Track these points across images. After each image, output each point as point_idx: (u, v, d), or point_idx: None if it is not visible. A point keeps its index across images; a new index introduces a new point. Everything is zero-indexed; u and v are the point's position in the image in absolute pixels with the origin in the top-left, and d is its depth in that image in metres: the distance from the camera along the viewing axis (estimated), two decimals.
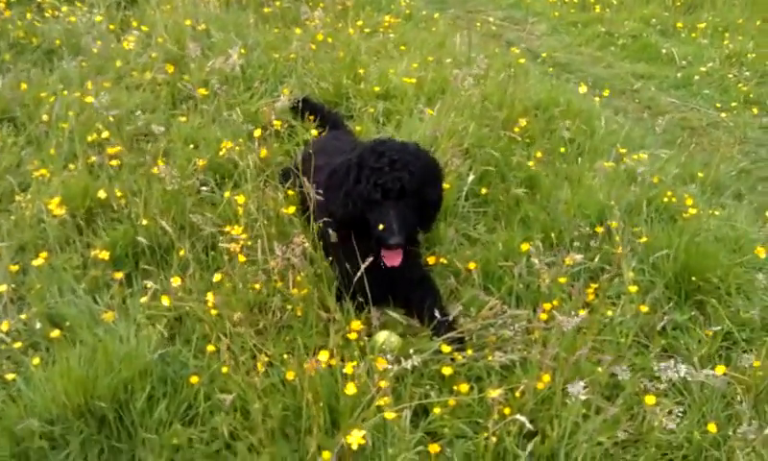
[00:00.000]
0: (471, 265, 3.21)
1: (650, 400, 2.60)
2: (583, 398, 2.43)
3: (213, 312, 2.89)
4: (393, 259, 3.03)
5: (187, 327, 3.01)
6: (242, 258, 3.10)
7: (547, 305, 3.04)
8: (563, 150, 4.44)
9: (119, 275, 3.18)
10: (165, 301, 2.84)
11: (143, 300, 2.93)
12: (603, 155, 4.50)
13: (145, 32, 5.53)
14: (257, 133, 3.86)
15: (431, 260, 3.38)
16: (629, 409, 2.77)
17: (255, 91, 4.93)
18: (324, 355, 2.58)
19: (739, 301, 3.29)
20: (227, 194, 3.49)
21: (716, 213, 3.87)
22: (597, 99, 5.30)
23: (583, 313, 2.73)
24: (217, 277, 2.93)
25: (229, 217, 3.53)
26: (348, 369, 2.51)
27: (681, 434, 2.69)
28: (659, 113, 5.66)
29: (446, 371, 2.73)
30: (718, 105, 5.95)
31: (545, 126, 4.81)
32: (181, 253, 3.17)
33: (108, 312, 2.96)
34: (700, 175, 4.28)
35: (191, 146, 4.18)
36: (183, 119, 4.42)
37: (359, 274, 2.78)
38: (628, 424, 2.68)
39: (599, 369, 2.79)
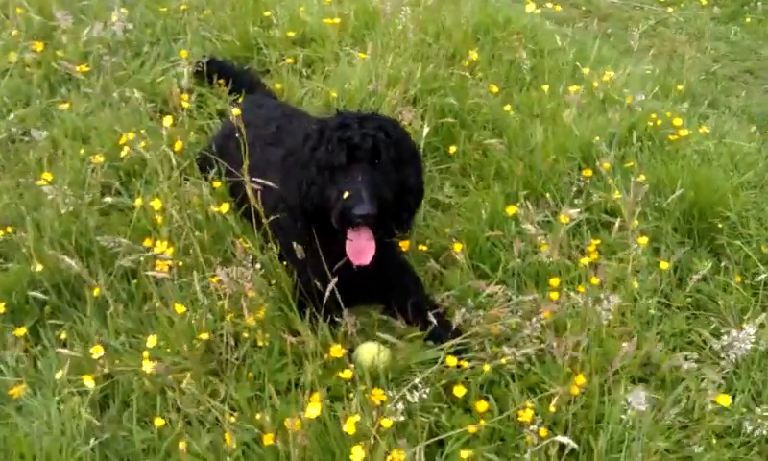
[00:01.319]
0: (457, 246, 2.73)
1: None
2: (643, 408, 2.02)
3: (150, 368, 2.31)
4: (361, 255, 2.51)
5: (123, 385, 2.43)
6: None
7: (554, 280, 2.63)
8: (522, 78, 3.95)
9: (21, 331, 2.55)
10: (95, 352, 2.24)
11: (58, 376, 2.31)
12: (564, 78, 4.06)
13: None
14: (168, 120, 3.19)
15: (404, 245, 2.87)
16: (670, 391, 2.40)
17: (146, 58, 4.19)
18: (313, 408, 2.06)
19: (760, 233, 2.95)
20: (138, 201, 2.85)
21: (706, 130, 3.51)
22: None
23: (613, 296, 2.31)
24: (152, 340, 2.33)
25: (148, 229, 2.89)
26: (350, 428, 2.01)
27: (736, 412, 2.35)
28: (602, 18, 5.25)
29: (459, 391, 2.28)
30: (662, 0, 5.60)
31: (491, 53, 4.31)
32: (96, 292, 2.54)
33: (15, 386, 2.35)
34: (679, 88, 3.90)
35: (80, 142, 3.46)
36: (65, 107, 3.67)
37: (328, 285, 2.31)
38: (673, 412, 2.31)
39: (625, 347, 2.39)
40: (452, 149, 3.34)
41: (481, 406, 2.26)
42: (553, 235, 2.82)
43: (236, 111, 2.97)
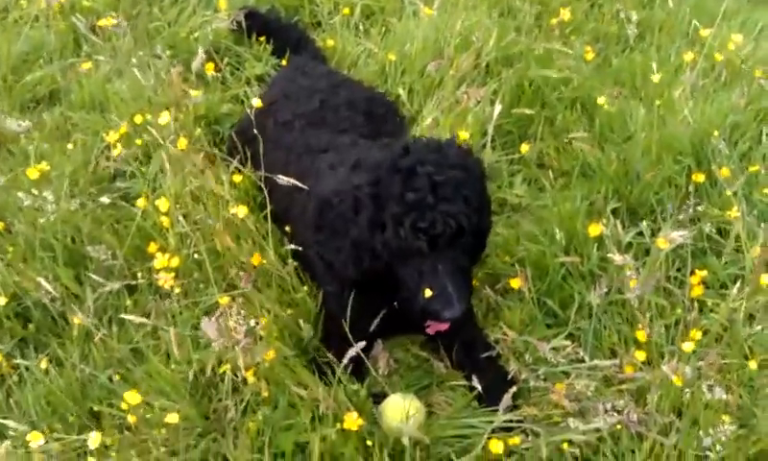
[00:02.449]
0: (515, 283, 2.20)
1: None
2: None
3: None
4: (440, 325, 2.09)
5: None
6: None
7: (641, 335, 2.08)
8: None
9: None
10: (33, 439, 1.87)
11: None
12: (677, 38, 3.35)
13: None
14: (195, 93, 2.75)
15: None
16: None
17: (185, 4, 3.72)
18: None
19: None
20: (140, 202, 2.44)
21: None
22: None
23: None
24: (132, 396, 1.93)
25: (152, 233, 2.50)
26: None
27: None
28: None
29: None
30: None
31: (588, 3, 3.62)
32: (77, 321, 2.18)
33: None
34: None
35: (98, 112, 3.08)
36: (87, 67, 3.28)
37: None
38: None
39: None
40: (524, 147, 2.74)
41: None
42: (647, 268, 2.25)
43: (258, 103, 2.52)
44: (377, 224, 1.88)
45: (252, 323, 1.94)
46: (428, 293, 1.89)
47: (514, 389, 1.88)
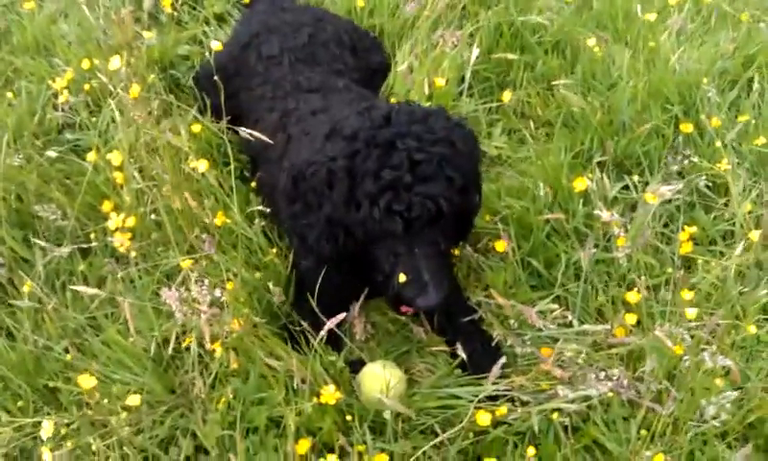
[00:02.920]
0: (500, 246, 2.09)
1: None
2: None
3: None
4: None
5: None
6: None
7: (631, 297, 1.99)
8: None
9: None
10: None
11: None
12: None
13: None
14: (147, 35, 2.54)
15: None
16: None
17: None
18: None
19: None
20: (91, 156, 2.25)
21: None
22: None
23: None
24: (85, 379, 1.77)
25: (105, 190, 2.32)
26: None
27: None
28: None
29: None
30: None
31: None
32: (26, 287, 2.01)
33: None
34: None
35: (43, 57, 2.85)
36: (30, 6, 3.02)
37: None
38: None
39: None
40: (505, 95, 2.59)
41: None
42: (635, 225, 2.15)
43: (217, 46, 2.33)
44: (351, 201, 1.72)
45: (218, 292, 1.78)
46: (402, 278, 1.76)
47: (503, 359, 1.78)
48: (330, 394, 1.81)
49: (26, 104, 2.62)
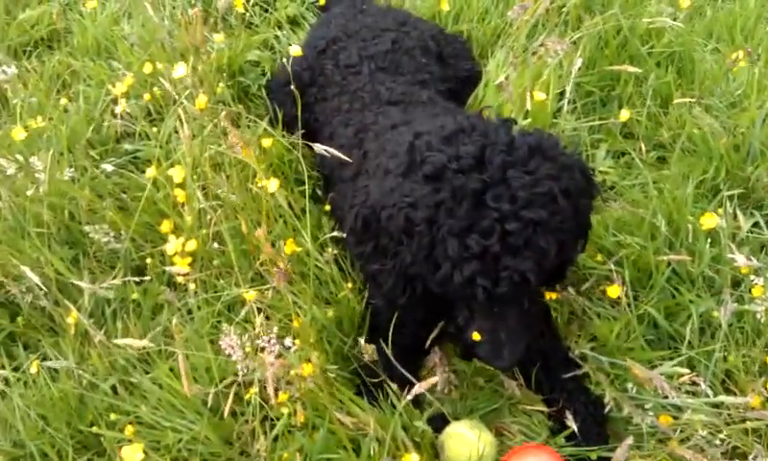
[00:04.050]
0: (613, 291, 1.80)
1: None
2: None
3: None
4: None
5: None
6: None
7: None
8: None
9: None
10: None
11: None
12: None
13: None
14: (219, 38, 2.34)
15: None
16: None
17: None
18: None
19: None
20: (150, 173, 2.04)
21: None
22: None
23: None
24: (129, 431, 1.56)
25: (166, 209, 2.11)
26: None
27: None
28: None
29: None
30: None
31: None
32: (71, 319, 1.81)
33: None
34: None
35: (104, 59, 2.68)
36: (92, 5, 2.86)
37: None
38: None
39: None
40: (622, 113, 2.28)
41: None
42: None
43: (297, 51, 2.10)
44: (430, 258, 1.47)
45: (288, 341, 1.54)
46: (476, 337, 1.54)
47: (629, 440, 1.48)
48: None
49: (83, 110, 2.44)
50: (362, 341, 1.64)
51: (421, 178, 1.49)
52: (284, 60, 2.38)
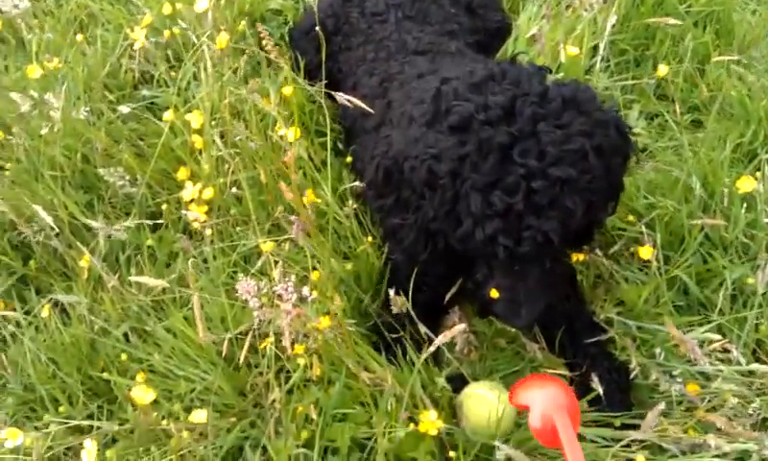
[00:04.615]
0: (645, 253, 1.73)
1: None
2: None
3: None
4: None
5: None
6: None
7: None
8: None
9: None
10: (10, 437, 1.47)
11: None
12: None
13: None
14: None
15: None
16: None
17: None
18: None
19: None
20: (168, 116, 1.99)
21: None
22: None
23: None
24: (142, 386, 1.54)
25: (183, 155, 2.06)
26: None
27: None
28: None
29: None
30: None
31: None
32: (84, 262, 1.78)
33: None
34: None
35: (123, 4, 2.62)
36: None
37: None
38: None
39: None
40: (660, 69, 2.20)
41: None
42: None
43: None
44: (452, 212, 1.41)
45: (306, 290, 1.49)
46: (494, 294, 1.50)
47: (661, 405, 1.43)
48: (432, 422, 1.51)
49: (100, 53, 2.39)
50: (392, 292, 1.58)
51: (447, 128, 1.42)
52: (310, 4, 2.31)
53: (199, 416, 1.48)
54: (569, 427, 1.43)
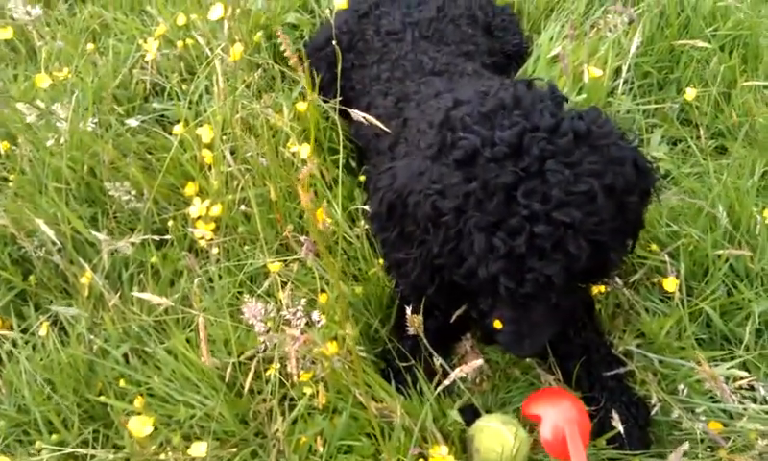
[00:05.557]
0: (670, 284, 1.67)
1: None
2: None
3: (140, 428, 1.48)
4: None
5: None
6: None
7: None
8: None
9: None
10: None
11: None
12: None
13: None
14: None
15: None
16: None
17: None
18: None
19: None
20: (178, 129, 1.95)
21: None
22: None
23: None
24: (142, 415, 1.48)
25: (191, 170, 2.02)
26: None
27: None
28: None
29: None
30: None
31: None
32: (85, 278, 1.73)
33: None
34: None
35: (136, 14, 2.59)
36: None
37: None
38: None
39: None
40: (689, 92, 2.14)
41: None
42: None
43: (342, 3, 1.99)
44: (455, 250, 1.36)
45: (315, 315, 1.43)
46: (498, 324, 1.45)
47: (685, 445, 1.36)
48: (442, 457, 1.44)
49: (111, 64, 2.35)
50: (408, 310, 1.52)
51: (452, 162, 1.36)
52: (326, 18, 2.27)
53: (198, 449, 1.42)
54: (578, 440, 1.43)
